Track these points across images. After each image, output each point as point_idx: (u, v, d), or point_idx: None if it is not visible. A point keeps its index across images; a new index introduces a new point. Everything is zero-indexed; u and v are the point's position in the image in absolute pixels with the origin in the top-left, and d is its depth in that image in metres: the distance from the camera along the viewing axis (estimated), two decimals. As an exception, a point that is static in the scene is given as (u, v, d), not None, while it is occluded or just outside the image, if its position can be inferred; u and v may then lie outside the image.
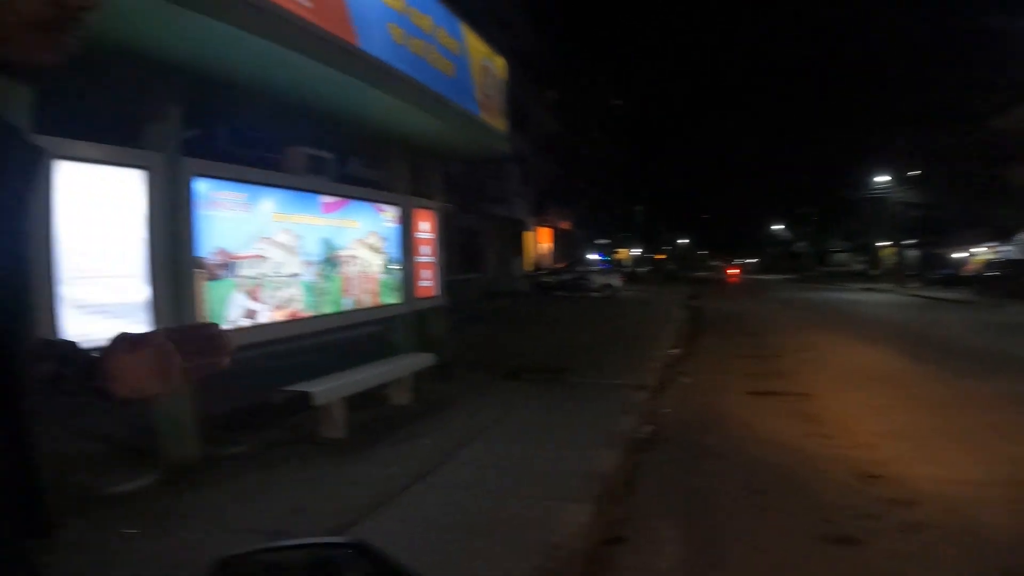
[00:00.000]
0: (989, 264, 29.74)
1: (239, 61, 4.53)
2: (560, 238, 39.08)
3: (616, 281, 27.08)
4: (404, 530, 3.65)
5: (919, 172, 37.22)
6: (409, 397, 6.75)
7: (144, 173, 4.18)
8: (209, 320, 0.93)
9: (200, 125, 7.21)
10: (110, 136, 4.16)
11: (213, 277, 4.73)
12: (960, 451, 5.30)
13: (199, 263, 4.60)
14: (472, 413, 6.38)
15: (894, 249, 43.83)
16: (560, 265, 30.53)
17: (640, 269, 53.89)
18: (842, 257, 61.16)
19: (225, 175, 4.92)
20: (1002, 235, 33.93)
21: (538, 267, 30.96)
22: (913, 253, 44.01)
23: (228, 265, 4.85)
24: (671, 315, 17.52)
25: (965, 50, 34.07)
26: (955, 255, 39.84)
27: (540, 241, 35.24)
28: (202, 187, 4.63)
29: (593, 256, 36.03)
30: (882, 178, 37.99)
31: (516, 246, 30.22)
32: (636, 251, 58.98)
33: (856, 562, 3.41)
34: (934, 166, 36.03)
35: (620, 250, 53.04)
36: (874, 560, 3.41)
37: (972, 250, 38.00)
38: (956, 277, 32.74)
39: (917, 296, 27.54)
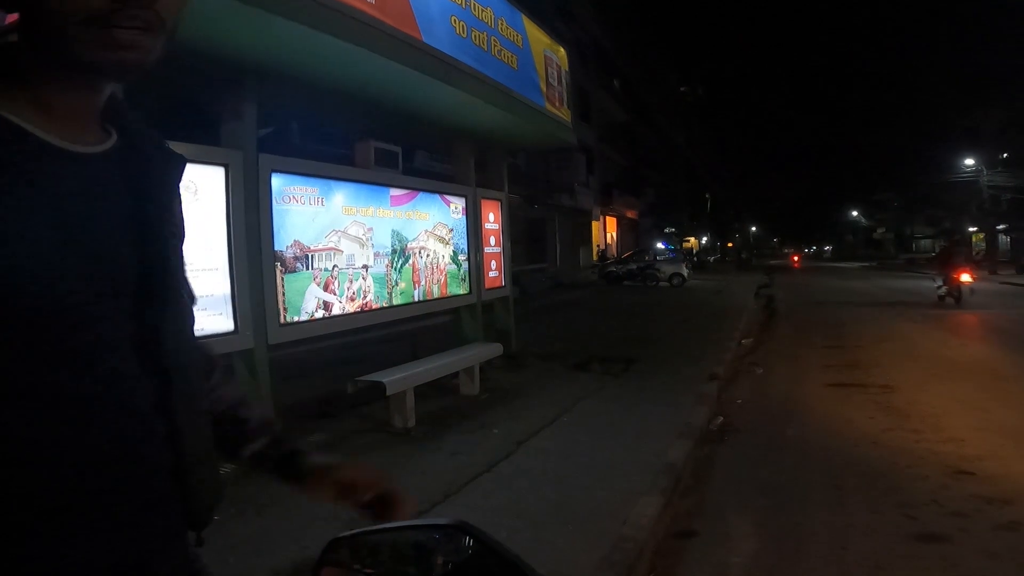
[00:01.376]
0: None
1: (309, 59, 4.65)
2: (627, 227, 38.62)
3: (684, 270, 26.53)
4: (472, 518, 3.63)
5: (1006, 155, 34.90)
6: (478, 387, 6.82)
7: (224, 169, 4.35)
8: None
9: (274, 122, 7.48)
10: (192, 135, 4.36)
11: (290, 270, 4.90)
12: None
13: (277, 256, 4.77)
14: (541, 403, 6.39)
15: (983, 235, 41.30)
16: (627, 254, 30.14)
17: (709, 257, 52.70)
18: (926, 243, 58.10)
19: (299, 170, 5.08)
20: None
21: (605, 257, 30.68)
22: (1005, 239, 41.40)
23: (303, 258, 5.02)
24: (742, 304, 17.07)
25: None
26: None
27: (607, 230, 34.92)
28: (277, 182, 4.80)
29: (660, 245, 35.41)
30: (969, 160, 35.80)
31: (583, 236, 30.04)
32: (705, 239, 57.69)
33: (946, 561, 3.25)
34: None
35: (689, 238, 51.97)
36: (965, 559, 3.24)
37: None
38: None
39: (1012, 284, 25.85)
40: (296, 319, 4.95)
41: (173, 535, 0.87)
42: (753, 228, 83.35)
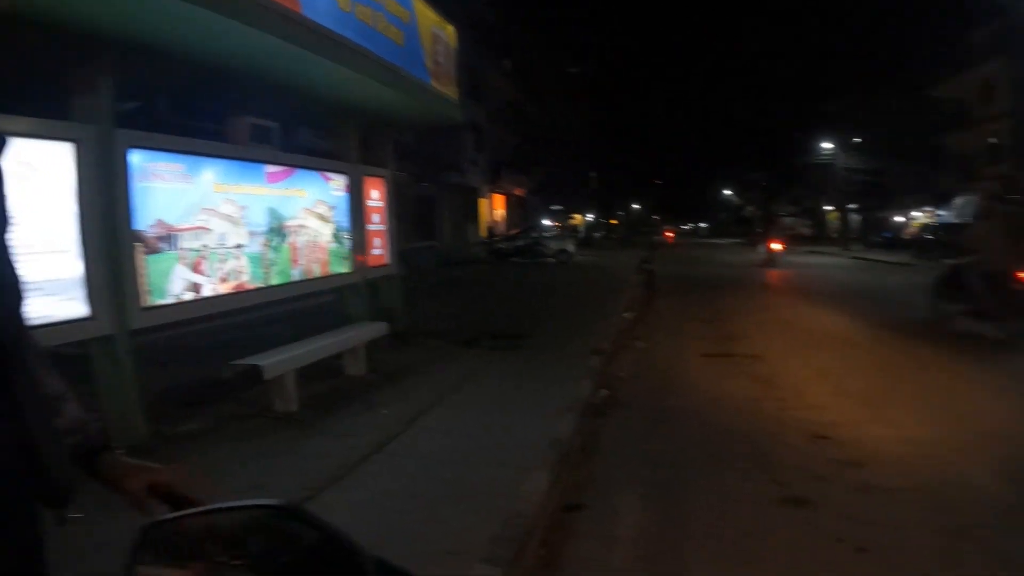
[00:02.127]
0: (927, 228, 30.83)
1: (173, 31, 4.31)
2: (515, 204, 38.94)
3: (571, 247, 27.15)
4: (363, 501, 3.61)
5: (860, 140, 38.18)
6: (365, 367, 6.66)
7: (74, 146, 3.95)
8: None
9: (140, 97, 6.89)
10: (39, 109, 3.92)
11: (153, 251, 4.53)
12: (905, 411, 5.50)
13: (137, 236, 4.39)
14: (429, 382, 6.33)
15: (838, 213, 45.03)
16: (515, 231, 30.43)
17: (595, 234, 54.22)
18: (790, 221, 62.62)
19: (163, 146, 4.69)
20: (939, 200, 35.26)
21: (493, 234, 30.82)
22: (856, 217, 45.33)
23: (169, 237, 4.65)
24: (625, 280, 17.67)
25: (907, 21, 34.91)
26: (896, 219, 41.24)
27: (495, 208, 35.06)
28: (138, 159, 4.40)
29: (547, 222, 36.01)
30: (827, 144, 38.89)
31: (471, 213, 30.01)
32: (591, 216, 59.24)
33: (810, 524, 3.51)
34: (876, 133, 37.03)
35: (575, 216, 53.15)
36: (826, 522, 3.51)
37: (912, 214, 39.39)
38: (897, 240, 33.89)
39: (860, 259, 28.44)
40: (161, 302, 4.59)
41: (24, 512, 0.88)
42: (636, 206, 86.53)
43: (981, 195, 14.77)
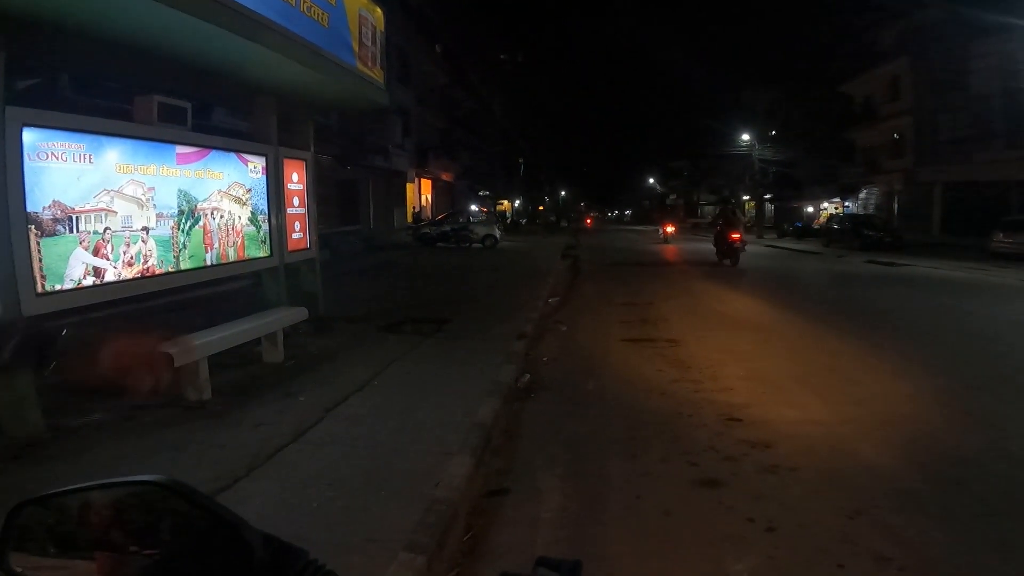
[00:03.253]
0: (834, 218, 32.52)
1: (73, 5, 4.01)
2: (442, 189, 38.61)
3: (497, 232, 27.17)
4: (280, 491, 3.52)
5: (774, 132, 39.79)
6: (283, 354, 6.48)
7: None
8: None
9: (40, 74, 6.41)
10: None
11: (49, 233, 4.24)
12: (811, 394, 5.79)
13: (31, 218, 4.10)
14: (350, 368, 6.22)
15: (754, 203, 46.87)
16: (442, 216, 30.19)
17: (521, 220, 54.44)
18: (710, 209, 64.75)
19: (60, 124, 4.38)
20: (847, 192, 37.25)
21: (420, 219, 30.48)
22: (771, 207, 47.29)
23: (66, 220, 4.36)
24: (549, 265, 17.87)
25: (821, 17, 36.45)
26: (807, 209, 43.28)
27: (422, 192, 34.65)
28: (32, 137, 4.10)
29: (474, 207, 35.88)
30: (744, 136, 40.36)
31: (398, 198, 29.55)
32: (518, 202, 59.42)
33: (722, 504, 3.65)
34: (790, 126, 38.68)
35: (502, 201, 53.20)
36: (736, 502, 3.66)
37: (822, 205, 41.43)
38: (807, 229, 35.59)
39: (773, 247, 29.72)
40: (59, 287, 4.31)
41: None
42: (563, 192, 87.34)
43: (722, 205, 27.16)
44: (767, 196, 45.23)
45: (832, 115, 36.41)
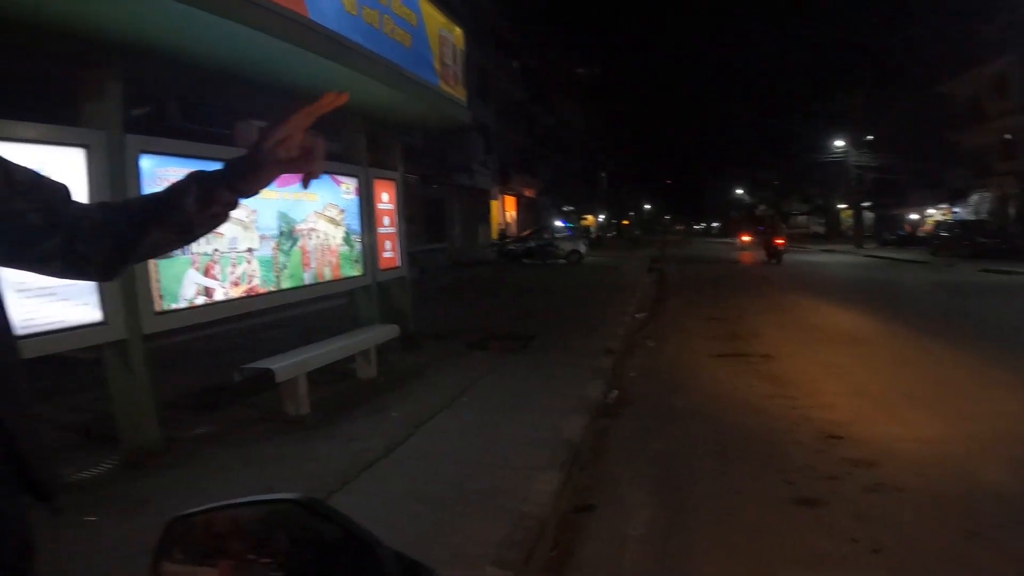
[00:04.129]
0: (941, 225, 30.55)
1: (181, 35, 4.32)
2: (525, 206, 38.95)
3: (582, 247, 27.09)
4: (372, 505, 3.62)
5: (872, 137, 37.90)
6: (375, 370, 6.68)
7: (84, 151, 3.98)
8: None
9: (151, 102, 6.96)
10: (50, 115, 3.97)
11: (165, 255, 4.57)
12: (919, 409, 5.45)
13: (149, 241, 4.43)
14: (439, 384, 6.34)
15: (851, 211, 44.70)
16: (526, 233, 30.42)
17: (606, 235, 54.14)
18: (802, 219, 62.27)
19: (172, 151, 4.71)
20: (956, 197, 34.93)
21: (504, 235, 30.83)
22: (870, 215, 44.97)
23: (180, 242, 4.68)
24: (635, 280, 17.65)
25: (918, 17, 34.60)
26: (910, 216, 40.89)
27: (506, 209, 35.08)
28: (148, 164, 4.44)
29: (559, 223, 35.97)
30: (838, 142, 38.64)
31: (482, 215, 30.04)
32: (602, 217, 59.16)
33: (821, 523, 3.48)
34: (889, 130, 36.75)
35: (586, 216, 53.10)
36: (837, 522, 3.48)
37: (927, 211, 39.04)
38: (911, 238, 33.60)
39: (873, 257, 28.20)
40: (174, 306, 4.63)
41: (13, 518, 0.88)
42: (648, 206, 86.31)
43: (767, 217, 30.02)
44: (865, 204, 43.05)
45: (932, 117, 34.34)
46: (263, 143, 1.06)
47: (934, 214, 37.86)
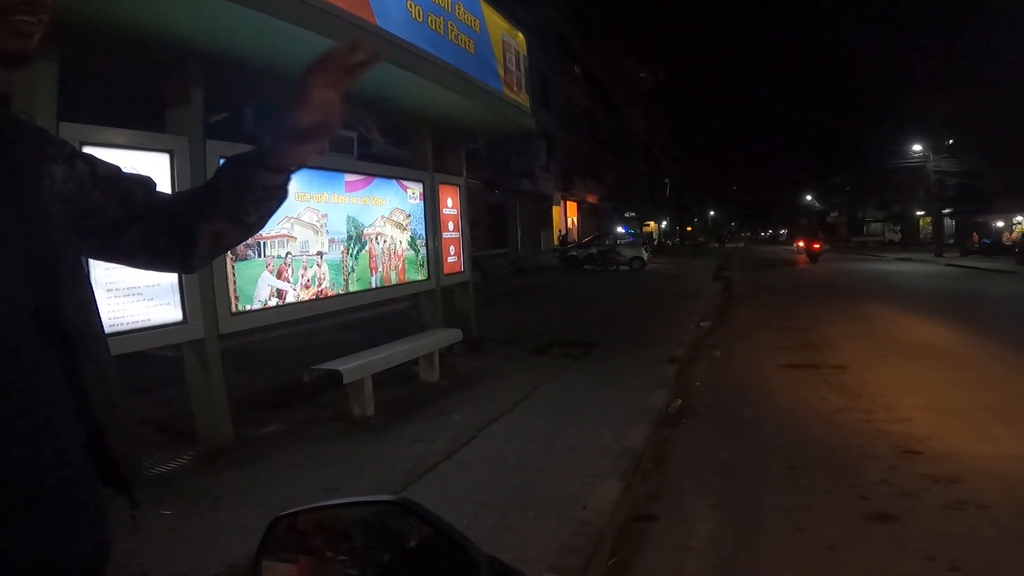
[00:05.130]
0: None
1: (259, 44, 4.49)
2: (587, 212, 38.75)
3: (645, 254, 26.75)
4: (434, 506, 3.47)
5: (952, 141, 36.09)
6: (438, 373, 6.76)
7: (169, 156, 4.20)
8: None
9: (226, 108, 7.26)
10: (137, 121, 4.20)
11: (241, 258, 4.76)
12: (1006, 426, 5.14)
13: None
14: (501, 389, 6.36)
15: (930, 218, 42.68)
16: (588, 239, 30.25)
17: (669, 241, 53.32)
18: (877, 227, 59.87)
19: (249, 155, 4.91)
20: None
21: (566, 241, 30.76)
22: (950, 222, 42.84)
23: (255, 245, 4.87)
24: (700, 287, 17.31)
25: (996, 17, 32.72)
26: (995, 224, 38.71)
27: (568, 215, 34.99)
28: (227, 168, 4.64)
29: (621, 229, 35.63)
30: (917, 147, 36.93)
31: (544, 220, 30.04)
32: (665, 223, 58.31)
33: (897, 540, 3.33)
34: (970, 134, 34.88)
35: (649, 222, 52.42)
36: (914, 539, 3.32)
37: (1015, 219, 36.89)
38: (996, 246, 31.79)
39: (955, 266, 26.79)
40: (248, 308, 4.81)
41: (94, 510, 0.89)
42: (712, 212, 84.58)
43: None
44: (946, 211, 41.01)
45: (1018, 120, 32.37)
46: (287, 114, 1.07)
47: (1022, 221, 35.75)
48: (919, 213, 47.11)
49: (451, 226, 8.00)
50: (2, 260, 0.78)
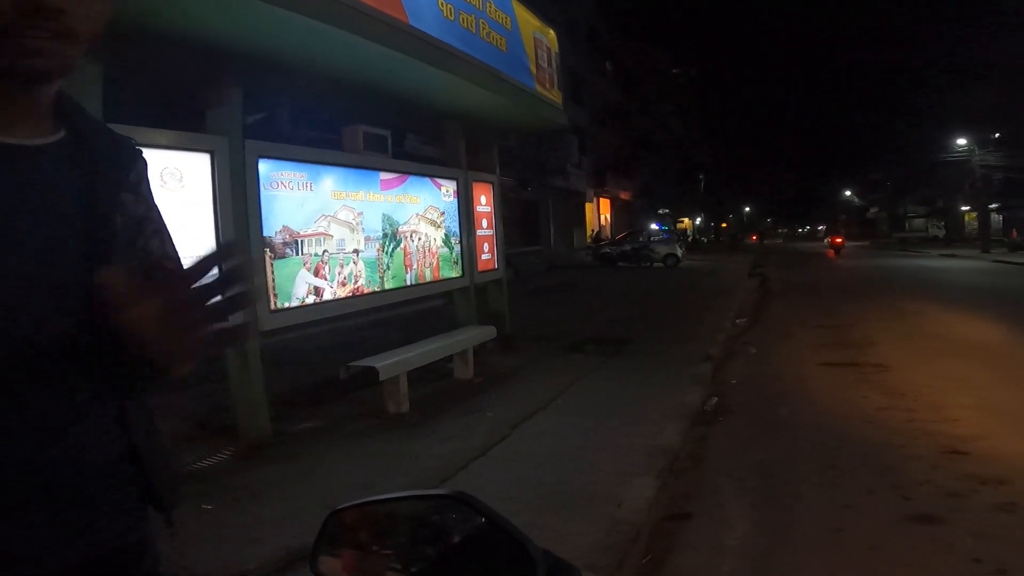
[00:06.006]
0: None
1: (294, 43, 4.57)
2: (620, 208, 38.52)
3: (679, 251, 26.49)
4: None
5: (997, 135, 34.89)
6: (472, 370, 6.80)
7: (209, 156, 4.29)
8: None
9: (262, 108, 7.39)
10: (186, 123, 4.30)
11: (280, 256, 4.85)
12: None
13: (266, 242, 4.72)
14: (535, 386, 6.37)
15: (975, 214, 41.38)
16: (621, 236, 30.07)
17: (703, 238, 52.70)
18: (919, 222, 58.30)
19: (286, 156, 5.01)
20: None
21: (599, 238, 30.63)
22: (996, 217, 41.48)
23: (293, 243, 4.96)
24: (735, 284, 17.08)
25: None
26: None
27: (601, 212, 34.83)
28: (265, 168, 4.73)
29: (654, 226, 35.35)
30: (961, 140, 35.79)
31: (577, 217, 29.97)
32: (699, 220, 57.62)
33: (940, 542, 3.24)
34: (1017, 127, 33.65)
35: (683, 219, 51.85)
36: (959, 540, 3.23)
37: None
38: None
39: (1003, 262, 25.91)
40: (287, 305, 4.90)
41: (134, 517, 0.90)
42: (747, 208, 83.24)
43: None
44: (993, 206, 39.68)
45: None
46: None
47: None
48: (964, 208, 45.71)
49: (484, 223, 8.03)
50: (63, 259, 0.79)
